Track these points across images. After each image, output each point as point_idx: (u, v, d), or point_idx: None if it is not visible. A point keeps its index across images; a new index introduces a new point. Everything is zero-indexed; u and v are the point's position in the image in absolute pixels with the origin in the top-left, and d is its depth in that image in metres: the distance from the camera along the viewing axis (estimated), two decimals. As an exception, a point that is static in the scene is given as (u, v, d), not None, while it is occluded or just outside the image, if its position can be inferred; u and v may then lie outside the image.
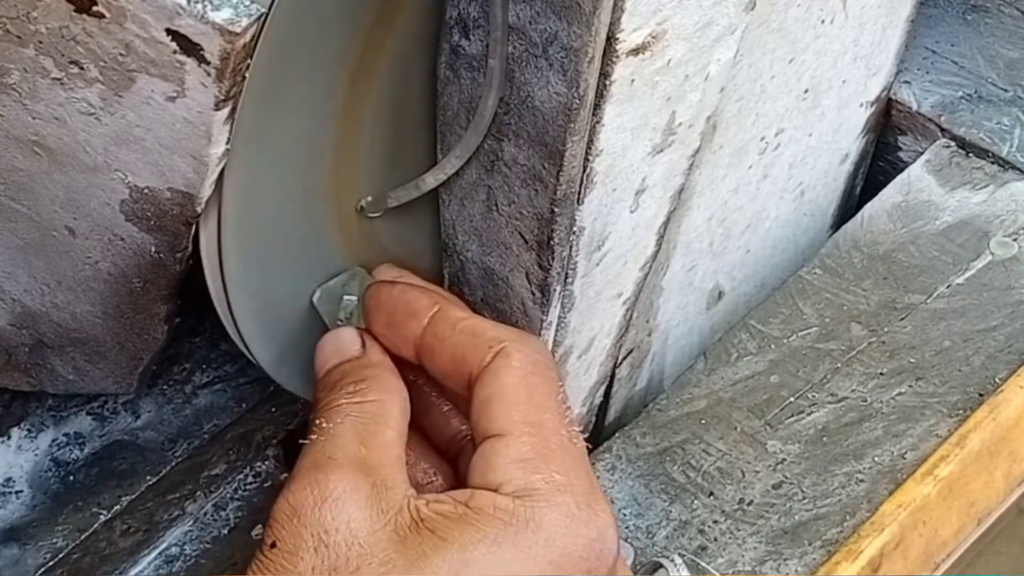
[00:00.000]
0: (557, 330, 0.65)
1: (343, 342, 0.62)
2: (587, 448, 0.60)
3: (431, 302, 0.62)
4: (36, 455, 0.72)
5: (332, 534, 0.54)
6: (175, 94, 0.54)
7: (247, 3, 0.52)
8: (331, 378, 0.61)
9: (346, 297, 0.65)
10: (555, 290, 0.63)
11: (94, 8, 0.53)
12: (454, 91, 0.60)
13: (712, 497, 0.71)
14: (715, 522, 0.70)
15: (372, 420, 0.58)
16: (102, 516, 0.70)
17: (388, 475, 0.56)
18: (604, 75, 0.56)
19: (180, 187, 0.57)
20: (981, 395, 0.74)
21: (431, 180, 0.63)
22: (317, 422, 0.59)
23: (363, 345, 0.62)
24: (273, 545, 0.55)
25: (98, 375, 0.68)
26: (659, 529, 0.70)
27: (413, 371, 0.63)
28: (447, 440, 0.64)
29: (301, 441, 0.59)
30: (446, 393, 0.64)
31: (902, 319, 0.78)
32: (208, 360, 0.76)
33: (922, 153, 0.86)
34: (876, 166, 0.89)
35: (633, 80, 0.57)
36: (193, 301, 0.64)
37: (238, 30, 0.52)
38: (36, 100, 0.56)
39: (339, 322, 0.65)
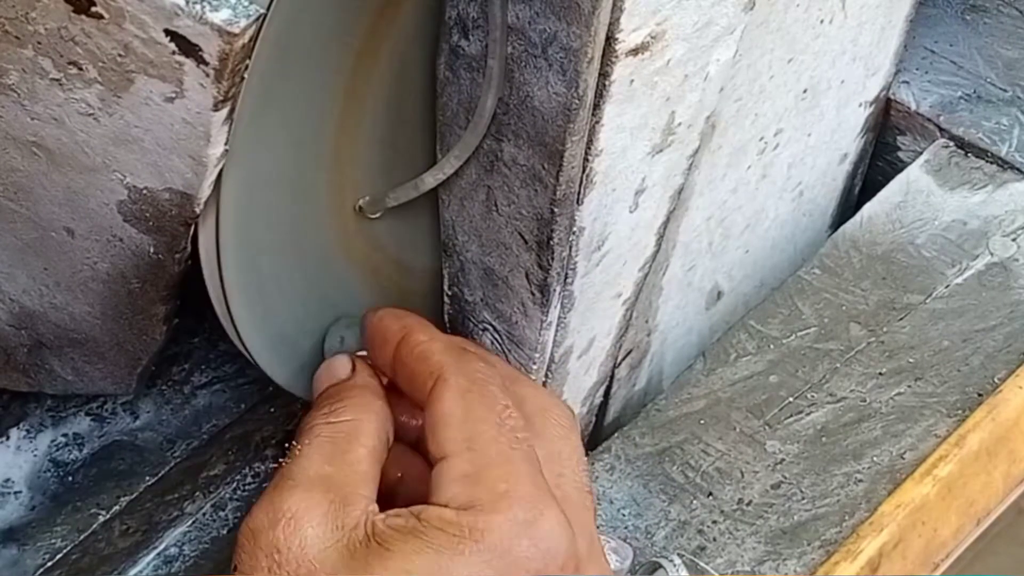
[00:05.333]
0: (557, 330, 0.65)
1: (335, 367, 0.65)
2: (586, 445, 0.61)
3: (400, 327, 0.64)
4: (35, 456, 0.72)
5: (284, 553, 0.56)
6: (173, 95, 0.54)
7: (246, 4, 0.52)
8: (316, 401, 0.63)
9: (339, 335, 0.67)
10: (555, 290, 0.63)
11: (92, 9, 0.53)
12: (453, 91, 0.60)
13: (711, 497, 0.71)
14: (714, 522, 0.70)
15: (344, 439, 0.60)
16: (101, 517, 0.70)
17: (350, 492, 0.58)
18: (603, 75, 0.56)
19: (179, 188, 0.57)
20: (980, 395, 0.74)
21: (430, 180, 0.63)
22: (291, 444, 0.61)
23: (353, 369, 0.64)
24: (235, 569, 0.57)
25: (97, 376, 0.68)
26: (658, 529, 0.70)
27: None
28: None
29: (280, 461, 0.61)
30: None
31: (901, 319, 0.78)
32: (207, 360, 0.76)
33: (921, 153, 0.86)
34: (875, 166, 0.89)
35: (632, 80, 0.57)
36: (192, 302, 0.64)
37: (236, 31, 0.52)
38: (35, 101, 0.56)
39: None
